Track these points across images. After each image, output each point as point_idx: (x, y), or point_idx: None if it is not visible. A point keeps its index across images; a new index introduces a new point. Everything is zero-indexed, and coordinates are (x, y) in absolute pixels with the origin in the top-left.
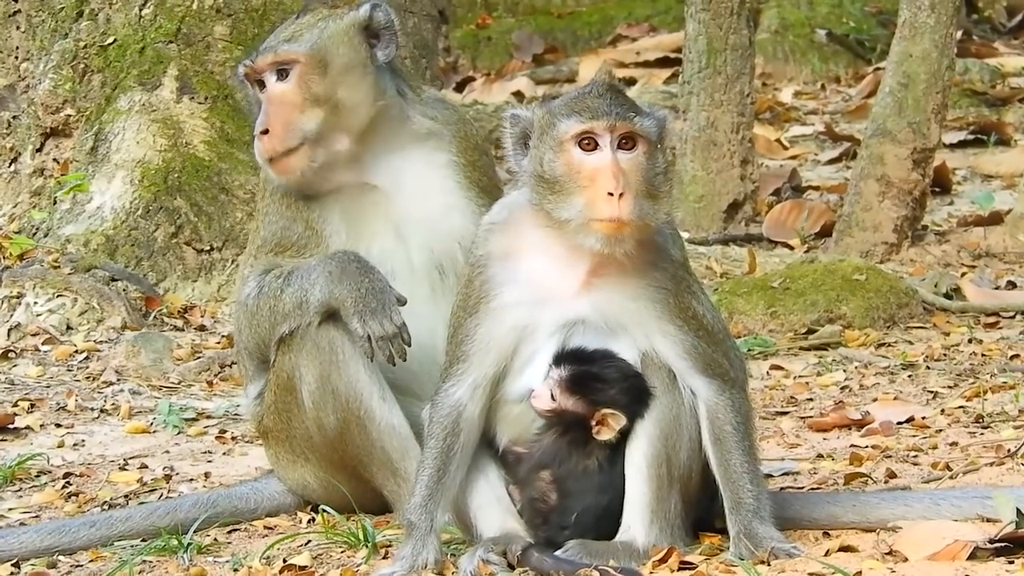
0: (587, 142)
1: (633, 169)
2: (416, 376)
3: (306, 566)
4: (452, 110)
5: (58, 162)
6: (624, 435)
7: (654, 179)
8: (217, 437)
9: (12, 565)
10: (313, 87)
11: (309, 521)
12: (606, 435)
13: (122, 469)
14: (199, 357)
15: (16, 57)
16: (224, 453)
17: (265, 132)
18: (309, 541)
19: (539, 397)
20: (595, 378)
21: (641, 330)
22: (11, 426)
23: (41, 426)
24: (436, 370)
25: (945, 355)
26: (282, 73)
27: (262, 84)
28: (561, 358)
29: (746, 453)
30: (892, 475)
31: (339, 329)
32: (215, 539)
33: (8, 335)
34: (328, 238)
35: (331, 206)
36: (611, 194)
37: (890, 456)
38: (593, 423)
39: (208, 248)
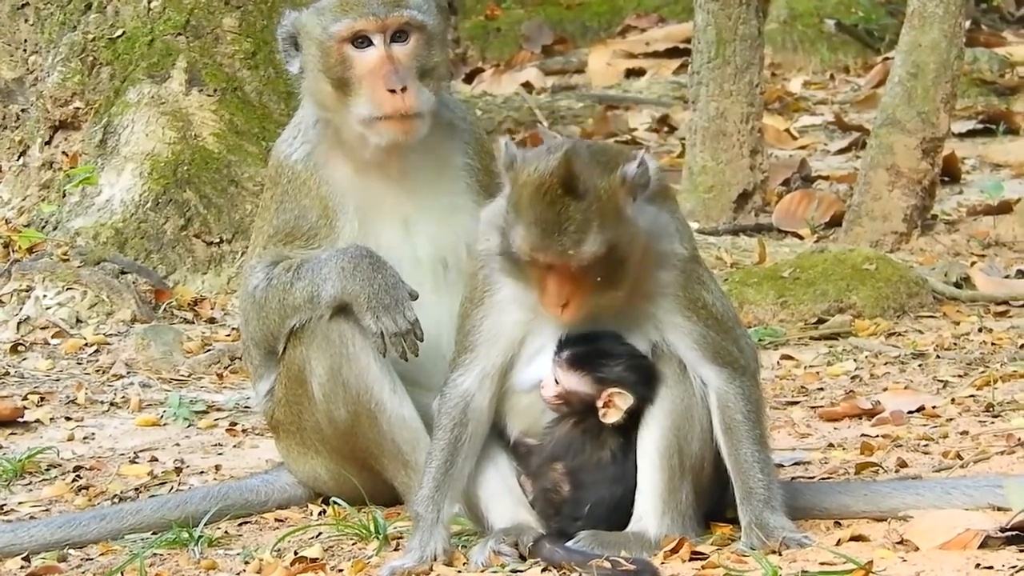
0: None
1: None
2: (421, 367)
3: (317, 558)
4: (467, 108)
5: (67, 155)
6: (636, 424)
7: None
8: (227, 430)
9: (23, 559)
10: (423, 58)
11: (320, 513)
12: (613, 417)
13: (132, 462)
14: (209, 350)
15: (24, 50)
16: (235, 446)
17: (404, 89)
18: (320, 533)
19: (546, 384)
20: (599, 355)
21: (651, 323)
22: (21, 420)
23: (51, 419)
24: (441, 361)
25: (955, 344)
26: (400, 36)
27: (361, 41)
28: (565, 341)
29: (757, 442)
30: (903, 464)
31: (349, 322)
32: (226, 532)
33: (18, 328)
34: (340, 228)
35: (347, 195)
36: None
37: (901, 445)
38: (599, 404)
39: (218, 240)
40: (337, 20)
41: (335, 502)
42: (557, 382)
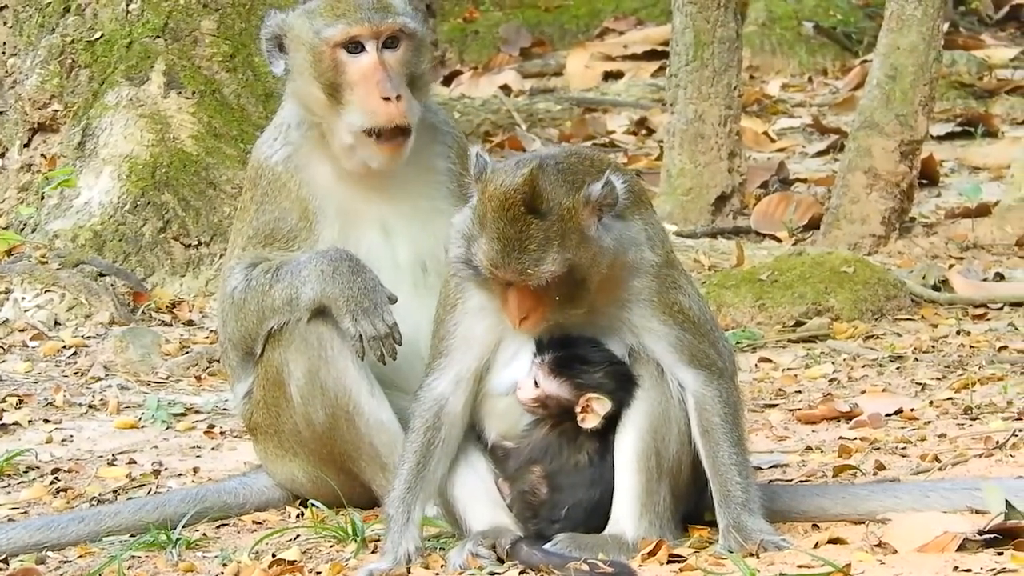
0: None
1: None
2: (399, 370)
3: (295, 560)
4: (448, 113)
5: (45, 157)
6: (613, 427)
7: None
8: (206, 432)
9: (1, 561)
10: (412, 64)
11: (298, 516)
12: (591, 422)
13: (111, 464)
14: (187, 352)
15: (3, 52)
16: (213, 448)
17: (398, 98)
18: (298, 536)
19: (523, 388)
20: (579, 360)
21: (627, 327)
22: None
23: (29, 422)
24: (419, 364)
25: (933, 347)
26: (391, 42)
27: (354, 46)
28: (544, 345)
29: (734, 445)
30: (881, 467)
31: (328, 324)
32: (204, 534)
33: None
34: (320, 231)
35: (328, 198)
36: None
37: (879, 448)
38: (578, 410)
39: (196, 243)
40: (330, 24)
41: (313, 504)
42: (537, 385)
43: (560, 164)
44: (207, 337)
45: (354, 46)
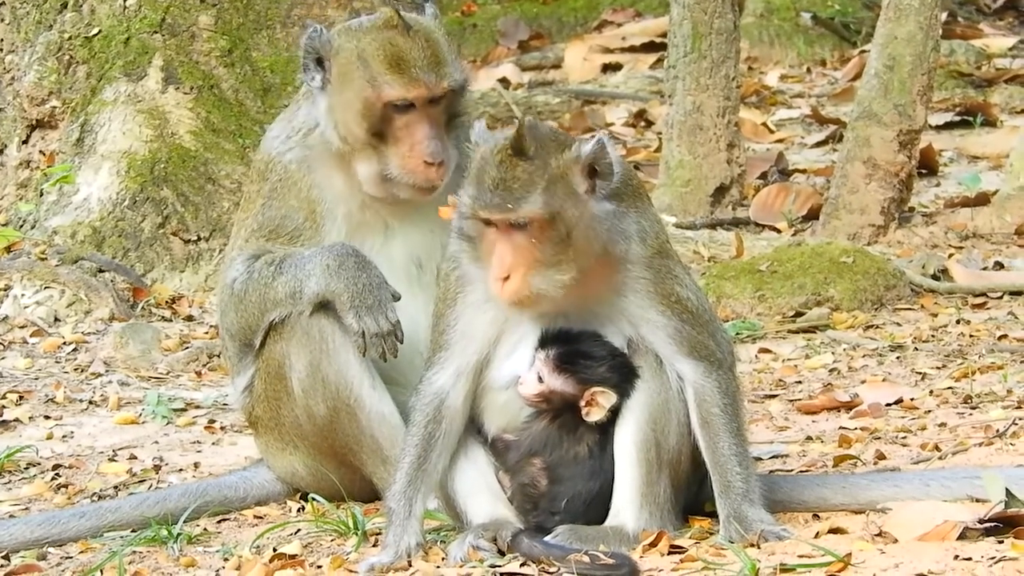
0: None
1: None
2: (397, 364)
3: (296, 555)
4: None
5: (44, 154)
6: (613, 418)
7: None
8: (206, 427)
9: (2, 557)
10: (454, 108)
11: (299, 510)
12: (596, 415)
13: (111, 460)
14: (187, 347)
15: (1, 49)
16: (213, 443)
17: (440, 163)
18: (299, 530)
19: (526, 383)
20: (584, 355)
21: (624, 318)
22: (0, 419)
23: (30, 418)
24: (417, 359)
25: (933, 336)
26: (438, 99)
27: (405, 104)
28: (546, 340)
29: (734, 435)
30: (881, 457)
31: (330, 318)
32: (205, 529)
33: None
34: (326, 233)
35: (338, 203)
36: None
37: (879, 438)
38: (582, 404)
39: (195, 238)
40: (388, 82)
41: (314, 498)
42: (541, 380)
43: (556, 130)
44: (207, 332)
45: (404, 104)
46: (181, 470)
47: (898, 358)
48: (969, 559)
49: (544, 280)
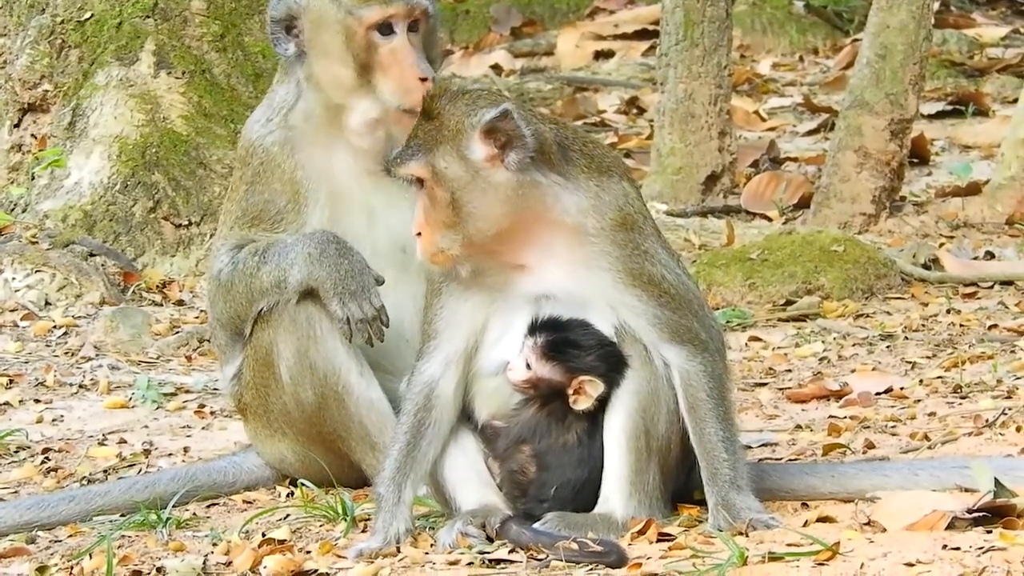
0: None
1: None
2: (383, 350)
3: (285, 540)
4: None
5: (36, 137)
6: (603, 407)
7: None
8: (196, 412)
9: None
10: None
11: (288, 495)
12: (584, 403)
13: (101, 444)
14: (178, 332)
15: None
16: (203, 428)
17: (432, 79)
18: (288, 515)
19: (515, 369)
20: (572, 344)
21: (604, 300)
22: None
23: (20, 402)
24: (404, 345)
25: (923, 326)
26: (414, 25)
27: (386, 28)
28: (536, 327)
29: (721, 421)
30: (870, 446)
31: (316, 305)
32: (194, 513)
33: None
34: (309, 215)
35: (321, 183)
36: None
37: (868, 427)
38: (570, 392)
39: (186, 223)
40: (365, 6)
41: (303, 484)
42: (528, 367)
43: (485, 91)
44: (197, 317)
45: (386, 27)
46: (171, 455)
47: (888, 347)
48: (957, 548)
49: (445, 239)
